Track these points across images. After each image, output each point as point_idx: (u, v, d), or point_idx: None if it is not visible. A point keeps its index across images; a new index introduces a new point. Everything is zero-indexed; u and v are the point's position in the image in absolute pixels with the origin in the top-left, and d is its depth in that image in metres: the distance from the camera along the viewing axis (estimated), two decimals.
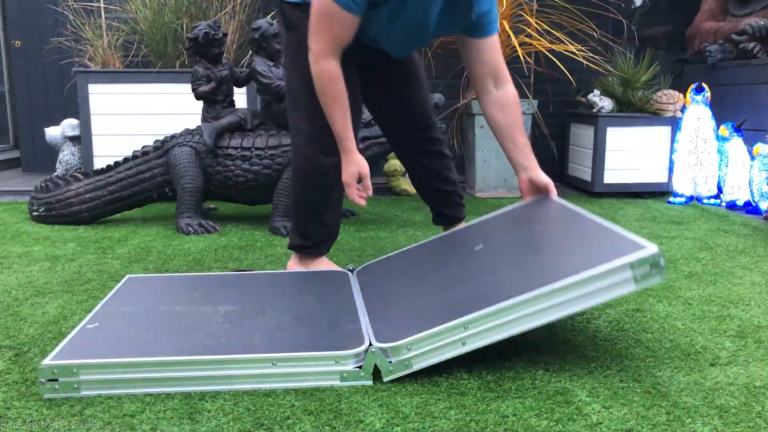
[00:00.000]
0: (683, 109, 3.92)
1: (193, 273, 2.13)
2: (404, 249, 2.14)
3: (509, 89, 2.04)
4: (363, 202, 1.99)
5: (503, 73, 2.03)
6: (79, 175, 3.12)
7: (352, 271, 2.11)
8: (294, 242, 2.17)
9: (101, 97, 3.83)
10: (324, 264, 2.21)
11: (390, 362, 1.46)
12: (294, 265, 2.22)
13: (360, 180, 2.00)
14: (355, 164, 1.96)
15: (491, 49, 2.00)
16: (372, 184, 2.18)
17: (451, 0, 1.90)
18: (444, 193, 2.37)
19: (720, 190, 3.89)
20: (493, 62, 2.01)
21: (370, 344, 1.49)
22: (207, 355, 1.44)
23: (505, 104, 2.02)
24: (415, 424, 1.28)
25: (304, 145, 2.06)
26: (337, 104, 1.91)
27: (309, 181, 2.08)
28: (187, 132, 3.12)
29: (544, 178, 1.99)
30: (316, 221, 2.14)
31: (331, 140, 1.99)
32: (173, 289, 1.95)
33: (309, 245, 2.16)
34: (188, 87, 3.45)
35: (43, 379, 1.39)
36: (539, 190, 2.00)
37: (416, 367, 1.47)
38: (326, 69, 1.87)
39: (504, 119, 2.02)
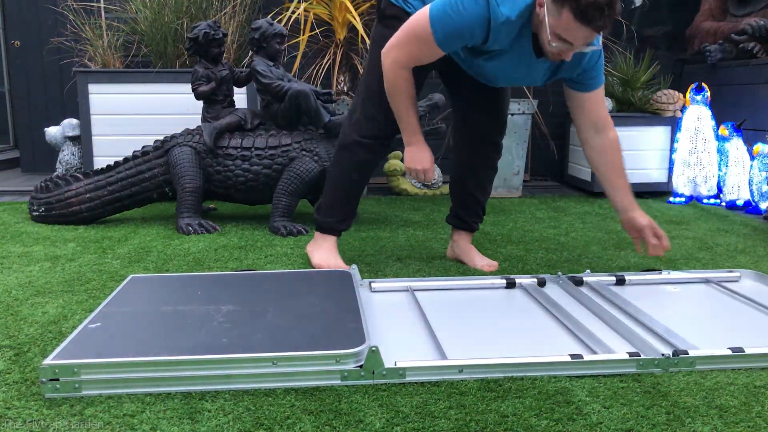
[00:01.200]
0: (683, 109, 3.92)
1: (195, 273, 2.13)
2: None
3: (609, 135, 2.13)
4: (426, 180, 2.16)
5: (604, 122, 2.13)
6: (79, 175, 3.12)
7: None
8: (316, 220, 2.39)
9: (101, 97, 3.83)
10: (327, 248, 2.36)
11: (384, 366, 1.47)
12: (310, 247, 2.41)
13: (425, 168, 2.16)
14: (426, 153, 2.12)
15: (593, 102, 2.10)
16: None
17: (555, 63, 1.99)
18: (473, 201, 2.44)
19: (720, 190, 3.89)
20: (595, 113, 2.11)
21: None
22: (207, 355, 1.44)
23: (603, 150, 2.14)
24: (415, 424, 1.28)
25: (348, 123, 2.28)
26: (411, 102, 2.07)
27: (340, 156, 2.28)
28: (187, 132, 3.12)
29: (642, 221, 2.13)
30: (328, 198, 2.34)
31: (368, 129, 2.21)
32: (176, 288, 1.95)
33: (322, 224, 2.36)
34: (188, 87, 3.45)
35: (44, 379, 1.39)
36: (636, 230, 2.15)
37: (408, 379, 1.47)
38: (403, 75, 2.01)
39: (603, 164, 2.15)
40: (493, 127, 2.34)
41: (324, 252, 2.34)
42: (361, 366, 1.46)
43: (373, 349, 1.45)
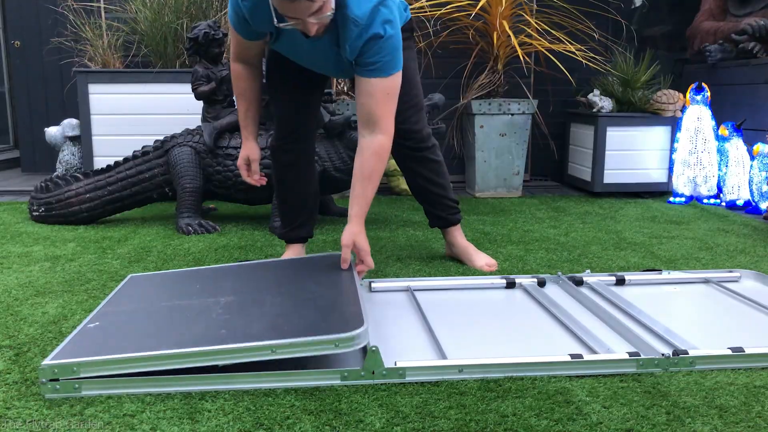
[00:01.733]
0: (683, 109, 3.92)
1: (193, 267, 2.12)
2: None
3: (375, 139, 1.93)
4: (255, 183, 2.25)
5: (378, 123, 1.92)
6: (79, 175, 3.12)
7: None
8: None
9: (101, 97, 3.83)
10: (293, 253, 2.37)
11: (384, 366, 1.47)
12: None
13: (250, 164, 2.23)
14: (246, 149, 2.21)
15: (366, 93, 1.90)
16: None
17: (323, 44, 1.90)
18: (434, 196, 2.39)
19: (720, 190, 3.89)
20: (366, 106, 1.91)
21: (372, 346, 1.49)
22: (205, 347, 1.43)
23: (362, 150, 1.94)
24: (415, 424, 1.28)
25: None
26: (240, 98, 2.15)
27: (272, 166, 2.33)
28: (187, 132, 3.12)
29: (345, 238, 1.93)
30: (281, 206, 2.37)
31: (277, 131, 2.24)
32: (174, 284, 1.95)
33: (278, 235, 2.41)
34: (188, 87, 3.45)
35: (44, 379, 1.39)
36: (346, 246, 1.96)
37: (408, 379, 1.47)
38: (233, 69, 2.12)
39: (356, 164, 1.96)
40: (399, 133, 2.19)
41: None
42: (364, 349, 1.46)
43: (373, 349, 1.45)
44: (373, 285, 2.10)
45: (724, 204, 3.77)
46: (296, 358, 1.56)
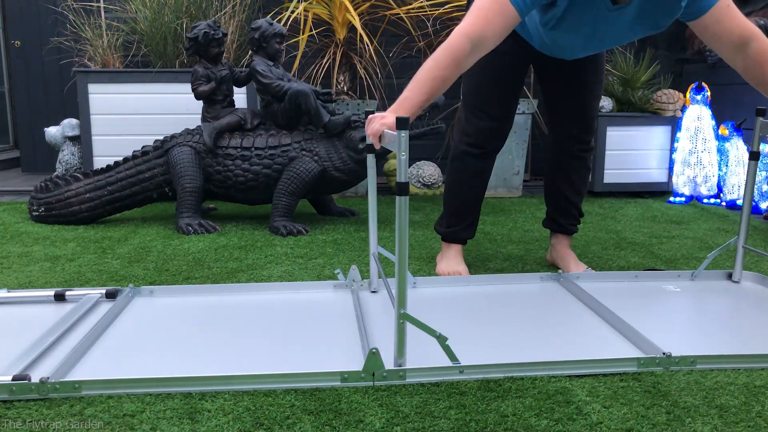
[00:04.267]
0: (683, 108, 3.92)
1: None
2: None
3: (750, 49, 1.80)
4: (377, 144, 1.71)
5: (741, 36, 1.80)
6: (79, 175, 3.12)
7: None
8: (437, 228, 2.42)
9: (101, 97, 3.83)
10: (453, 255, 2.35)
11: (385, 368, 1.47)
12: (438, 256, 2.42)
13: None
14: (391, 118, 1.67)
15: (720, 21, 1.79)
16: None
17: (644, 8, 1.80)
18: (566, 202, 2.36)
19: (720, 189, 3.89)
20: (728, 33, 1.80)
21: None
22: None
23: (751, 67, 1.82)
24: (415, 424, 1.28)
25: (456, 133, 2.30)
26: (436, 86, 1.75)
27: (452, 166, 2.31)
28: (187, 132, 3.12)
29: None
30: (448, 208, 2.36)
31: (476, 137, 2.21)
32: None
33: (444, 234, 2.38)
34: (188, 87, 3.45)
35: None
36: None
37: (409, 381, 1.46)
38: (458, 44, 1.71)
39: (755, 79, 1.83)
40: (577, 124, 2.25)
41: (449, 260, 2.34)
42: (364, 350, 1.45)
43: (374, 350, 1.45)
44: (373, 285, 2.11)
45: (724, 204, 3.77)
46: (296, 360, 1.56)
